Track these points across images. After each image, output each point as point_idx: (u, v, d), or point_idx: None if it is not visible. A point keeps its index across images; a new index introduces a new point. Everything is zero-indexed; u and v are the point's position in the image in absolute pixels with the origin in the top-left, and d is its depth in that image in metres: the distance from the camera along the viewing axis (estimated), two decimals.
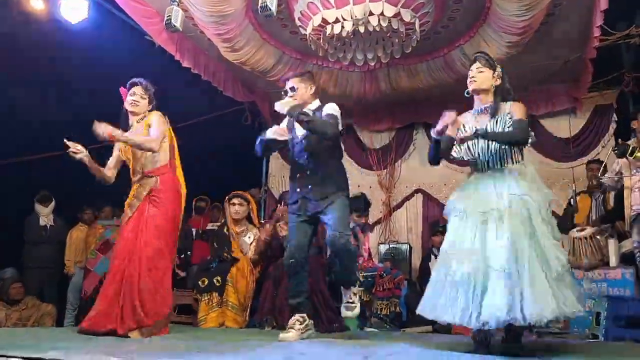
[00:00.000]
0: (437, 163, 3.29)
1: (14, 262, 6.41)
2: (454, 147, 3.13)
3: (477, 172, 3.08)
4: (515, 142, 2.95)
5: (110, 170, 3.84)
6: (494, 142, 2.98)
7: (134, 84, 3.81)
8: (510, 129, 2.95)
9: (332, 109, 3.65)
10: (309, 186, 3.60)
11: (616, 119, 6.69)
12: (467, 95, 3.18)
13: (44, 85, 6.04)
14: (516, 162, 3.00)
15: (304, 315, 3.58)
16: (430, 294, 2.91)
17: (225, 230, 5.22)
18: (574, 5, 5.23)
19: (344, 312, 3.64)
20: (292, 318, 3.56)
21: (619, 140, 5.59)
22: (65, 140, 3.57)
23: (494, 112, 3.04)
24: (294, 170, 3.79)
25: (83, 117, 3.71)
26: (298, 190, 3.66)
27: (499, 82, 3.10)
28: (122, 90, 3.82)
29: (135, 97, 3.77)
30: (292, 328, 3.48)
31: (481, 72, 3.10)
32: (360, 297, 3.69)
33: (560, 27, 5.59)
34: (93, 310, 3.54)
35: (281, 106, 3.58)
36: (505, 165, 2.98)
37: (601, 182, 5.33)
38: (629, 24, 5.47)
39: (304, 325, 3.52)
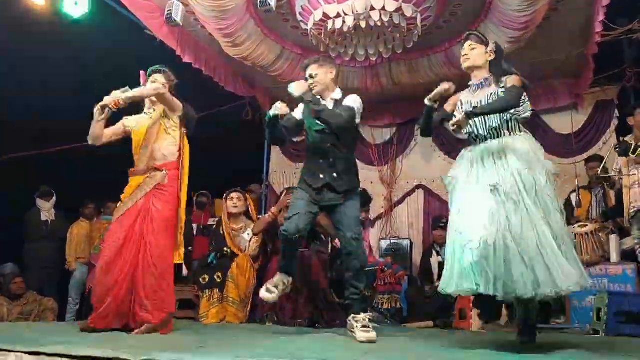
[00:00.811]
0: (429, 134, 3.33)
1: (14, 257, 6.43)
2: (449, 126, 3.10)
3: (473, 144, 3.05)
4: (504, 107, 2.89)
5: (105, 135, 3.64)
6: (488, 116, 2.95)
7: (156, 71, 3.68)
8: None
9: (352, 100, 3.53)
10: (334, 174, 3.46)
11: (618, 115, 6.67)
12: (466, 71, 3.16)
13: (44, 80, 6.04)
14: (513, 134, 2.98)
15: (290, 279, 3.54)
16: (450, 266, 2.81)
17: (220, 229, 5.21)
18: (576, 1, 5.21)
19: (359, 335, 3.14)
20: (278, 277, 3.52)
21: (620, 138, 5.59)
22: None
23: (490, 85, 3.04)
24: (315, 155, 3.58)
25: (83, 111, 3.70)
26: (321, 176, 3.47)
27: (492, 56, 3.10)
28: (142, 73, 3.69)
29: (157, 85, 3.60)
30: (275, 287, 3.47)
31: (473, 49, 3.12)
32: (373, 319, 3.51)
33: (562, 23, 5.58)
34: (105, 307, 3.40)
35: (293, 88, 3.44)
36: (502, 136, 2.96)
37: (609, 176, 5.34)
38: (630, 19, 5.46)
39: (287, 287, 3.53)
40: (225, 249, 5.04)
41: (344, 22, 4.90)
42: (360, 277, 3.40)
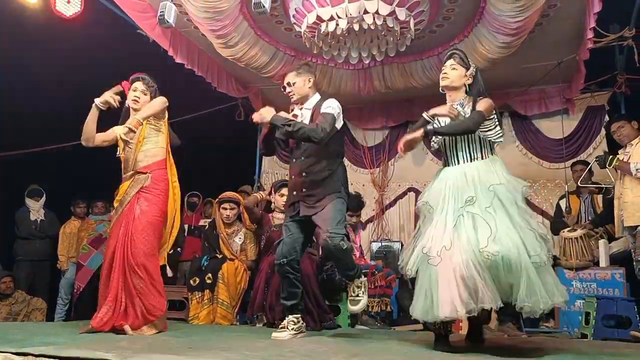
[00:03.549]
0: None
1: (4, 255, 6.39)
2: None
3: (448, 166, 3.08)
4: (463, 131, 2.95)
5: (98, 137, 3.67)
6: (463, 139, 3.00)
7: (135, 79, 3.73)
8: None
9: (329, 106, 3.50)
10: (303, 189, 3.52)
11: (608, 121, 6.72)
12: (441, 92, 3.20)
13: (36, 79, 6.01)
14: (485, 157, 3.00)
15: (299, 316, 3.55)
16: (443, 292, 2.75)
17: (214, 231, 5.23)
18: (568, 7, 5.25)
19: (350, 308, 3.56)
20: (287, 319, 3.52)
21: (604, 149, 5.64)
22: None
23: (463, 107, 3.06)
24: (291, 171, 3.71)
25: (74, 110, 3.69)
26: (294, 193, 3.58)
27: (470, 81, 3.12)
28: (124, 84, 3.72)
29: (136, 93, 3.68)
30: (285, 328, 3.45)
31: (454, 69, 3.14)
32: (365, 288, 3.53)
33: (554, 29, 5.62)
34: (105, 310, 3.41)
35: (260, 117, 3.50)
36: (475, 160, 2.99)
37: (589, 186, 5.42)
38: (621, 26, 5.51)
39: (297, 326, 3.49)
40: (216, 254, 5.10)
41: (337, 25, 4.91)
42: (348, 265, 3.47)
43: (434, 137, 3.08)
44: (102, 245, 6.18)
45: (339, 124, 3.55)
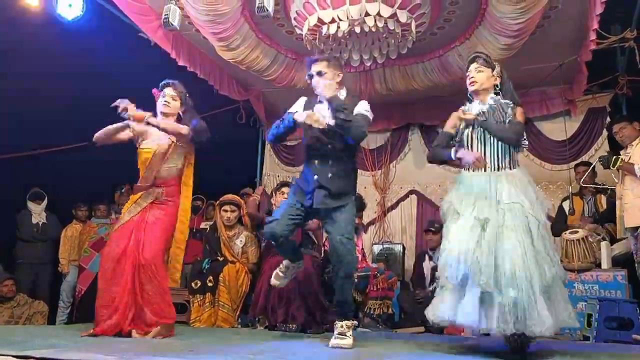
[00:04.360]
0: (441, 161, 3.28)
1: (5, 259, 6.39)
2: (454, 146, 3.11)
3: (474, 170, 3.03)
4: (506, 138, 2.93)
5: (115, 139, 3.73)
6: (492, 146, 2.96)
7: (165, 85, 3.78)
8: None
9: (365, 109, 3.36)
10: (329, 175, 3.32)
11: (610, 121, 6.70)
12: (469, 97, 3.14)
13: (37, 82, 6.01)
14: (512, 167, 2.98)
15: (300, 262, 3.65)
16: (450, 300, 2.80)
17: (216, 233, 5.23)
18: (570, 9, 5.25)
19: (333, 341, 3.12)
20: (285, 262, 3.60)
21: (607, 149, 5.62)
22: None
23: (493, 112, 3.03)
24: (312, 155, 3.44)
25: (76, 113, 3.69)
26: (316, 177, 3.33)
27: (498, 80, 3.09)
28: (154, 91, 3.78)
29: (166, 98, 3.73)
30: (286, 270, 3.62)
31: (480, 71, 3.09)
32: (354, 331, 3.31)
33: (555, 30, 5.62)
34: (109, 315, 3.41)
35: (323, 88, 3.31)
36: (502, 169, 2.96)
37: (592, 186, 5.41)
38: (623, 28, 5.50)
39: (297, 268, 3.66)
40: (217, 257, 5.10)
41: (338, 27, 4.91)
42: (345, 286, 3.30)
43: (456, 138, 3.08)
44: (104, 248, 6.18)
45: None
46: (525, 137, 3.04)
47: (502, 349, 2.82)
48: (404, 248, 6.97)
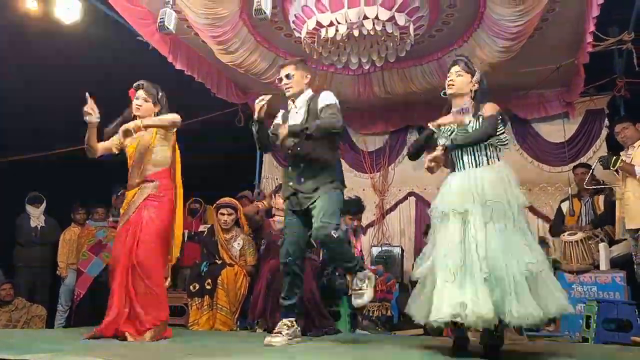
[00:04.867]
0: (417, 158, 3.38)
1: (4, 262, 6.38)
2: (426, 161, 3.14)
3: (455, 171, 3.10)
4: (482, 138, 2.96)
5: (100, 148, 3.73)
6: (468, 146, 3.01)
7: (136, 87, 3.75)
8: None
9: (327, 98, 3.51)
10: (301, 179, 3.49)
11: (607, 124, 6.73)
12: (443, 96, 3.20)
13: (36, 86, 6.02)
14: (492, 163, 3.01)
15: (293, 320, 3.48)
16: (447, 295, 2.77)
17: (213, 236, 5.23)
18: (567, 11, 5.26)
19: (354, 301, 3.44)
20: (280, 322, 3.45)
21: (606, 151, 5.63)
22: (87, 94, 3.53)
23: (468, 112, 3.06)
24: (288, 162, 3.66)
25: (74, 117, 3.70)
26: (290, 184, 3.56)
27: (476, 86, 3.12)
28: (130, 92, 3.76)
29: (138, 101, 3.71)
30: (279, 333, 3.35)
31: (460, 76, 3.12)
32: (370, 281, 3.42)
33: (553, 33, 5.63)
34: (112, 316, 3.43)
35: (281, 138, 3.46)
36: (480, 165, 3.00)
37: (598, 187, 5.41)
38: (621, 30, 5.52)
39: (291, 330, 3.42)
40: (215, 260, 5.09)
41: (337, 30, 4.91)
42: (336, 249, 3.41)
43: (437, 141, 3.11)
44: (102, 251, 6.18)
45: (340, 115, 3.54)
46: (502, 131, 3.05)
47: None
48: (402, 250, 6.97)
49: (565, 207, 5.79)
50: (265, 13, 4.81)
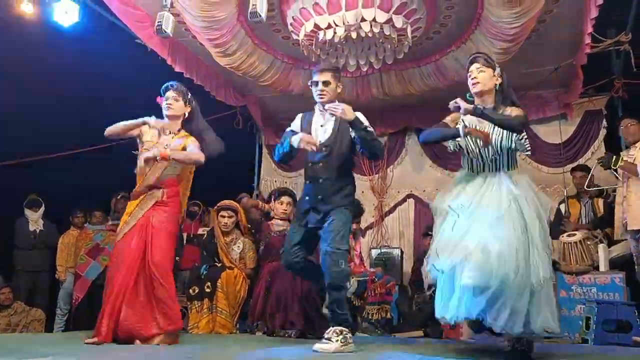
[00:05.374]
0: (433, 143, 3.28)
1: (3, 266, 6.37)
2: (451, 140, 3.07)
3: (471, 172, 3.02)
4: (510, 127, 2.86)
5: (123, 127, 3.73)
6: (494, 147, 2.91)
7: (166, 89, 3.78)
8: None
9: (365, 119, 3.42)
10: (319, 197, 3.41)
11: (606, 125, 6.74)
12: (469, 99, 3.06)
13: (33, 89, 6.01)
14: (510, 169, 2.95)
15: (344, 329, 3.17)
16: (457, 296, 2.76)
17: (213, 239, 5.22)
18: (565, 13, 5.27)
19: (316, 344, 3.09)
20: (331, 329, 3.17)
21: (604, 152, 5.64)
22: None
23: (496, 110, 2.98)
24: (307, 176, 3.58)
25: (72, 119, 3.69)
26: (307, 198, 3.49)
27: (499, 80, 3.03)
28: (158, 99, 3.78)
29: (169, 100, 3.73)
30: (329, 340, 3.10)
31: (482, 72, 3.02)
32: (345, 340, 3.12)
33: (550, 34, 5.64)
34: (126, 320, 3.36)
35: (343, 112, 3.34)
36: (500, 170, 2.94)
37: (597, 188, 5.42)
38: (618, 31, 5.53)
39: (342, 337, 3.11)
40: (215, 263, 5.07)
41: (334, 33, 4.92)
42: (333, 296, 3.24)
43: (456, 139, 3.02)
44: (99, 255, 6.17)
45: None
46: (526, 137, 2.98)
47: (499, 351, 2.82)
48: (402, 252, 6.97)
49: (563, 208, 5.80)
50: (260, 16, 4.81)
